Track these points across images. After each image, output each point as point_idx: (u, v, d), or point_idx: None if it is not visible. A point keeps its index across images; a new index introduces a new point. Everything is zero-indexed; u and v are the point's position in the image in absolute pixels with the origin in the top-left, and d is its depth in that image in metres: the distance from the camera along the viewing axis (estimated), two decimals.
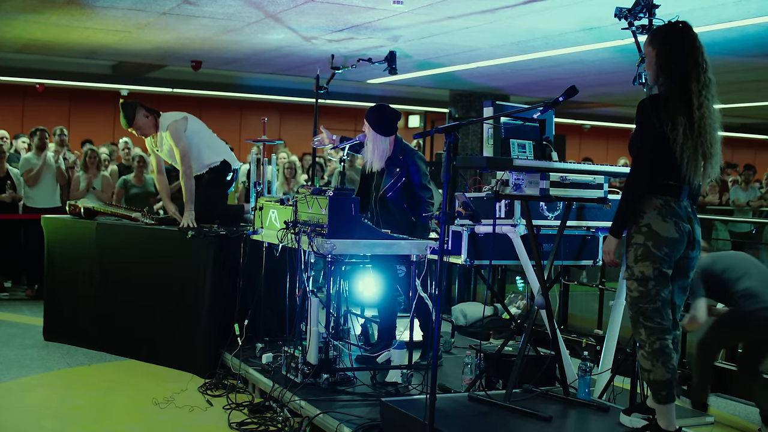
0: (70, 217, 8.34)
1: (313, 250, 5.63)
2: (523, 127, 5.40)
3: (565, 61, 11.65)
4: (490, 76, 13.76)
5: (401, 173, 6.46)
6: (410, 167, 6.45)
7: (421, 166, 6.48)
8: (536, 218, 5.41)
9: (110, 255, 7.81)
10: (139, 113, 7.71)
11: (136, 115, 7.69)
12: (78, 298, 8.04)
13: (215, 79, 16.50)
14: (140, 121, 7.71)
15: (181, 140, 7.54)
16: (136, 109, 7.72)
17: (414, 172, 6.44)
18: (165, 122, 7.65)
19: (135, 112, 7.70)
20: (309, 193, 5.93)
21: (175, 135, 7.56)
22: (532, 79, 13.82)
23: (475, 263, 5.53)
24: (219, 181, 7.73)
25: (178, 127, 7.59)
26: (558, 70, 12.58)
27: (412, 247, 5.87)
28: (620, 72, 12.20)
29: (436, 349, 4.23)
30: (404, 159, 6.48)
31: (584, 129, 23.03)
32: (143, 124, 7.72)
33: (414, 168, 6.45)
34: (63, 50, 12.89)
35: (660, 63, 4.40)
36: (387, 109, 6.61)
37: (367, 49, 11.08)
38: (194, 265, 7.09)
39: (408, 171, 6.45)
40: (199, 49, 12.13)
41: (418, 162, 6.48)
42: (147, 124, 7.73)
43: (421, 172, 6.46)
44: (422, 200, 6.44)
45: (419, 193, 6.44)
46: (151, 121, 7.74)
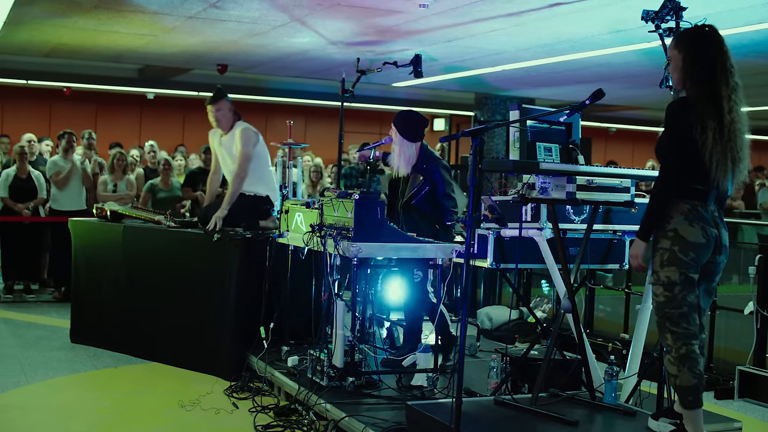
0: (97, 220, 8.40)
1: (338, 253, 5.64)
2: (549, 131, 5.39)
3: (592, 64, 11.61)
4: (516, 79, 13.74)
5: (425, 182, 6.46)
6: (434, 176, 6.45)
7: (445, 175, 6.48)
8: (563, 222, 5.40)
9: (136, 258, 7.86)
10: (228, 102, 7.75)
11: (224, 100, 7.73)
12: (104, 300, 8.10)
13: (241, 83, 16.54)
14: (224, 109, 7.73)
15: (249, 145, 7.57)
16: (226, 99, 7.77)
17: (438, 182, 6.44)
18: (242, 125, 7.71)
19: (225, 98, 7.74)
20: (335, 196, 5.94)
21: (246, 137, 7.60)
22: (558, 82, 13.78)
23: (501, 267, 5.52)
24: (255, 210, 7.71)
25: (251, 134, 7.64)
26: (584, 73, 12.54)
27: (438, 250, 5.86)
28: (647, 75, 12.14)
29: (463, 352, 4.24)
30: (428, 168, 6.48)
31: (610, 132, 22.91)
32: (224, 115, 7.73)
33: (438, 177, 6.45)
34: (90, 54, 12.98)
35: (686, 67, 4.38)
36: (415, 115, 6.61)
37: (392, 53, 11.09)
38: (220, 268, 7.12)
39: (432, 180, 6.46)
40: (225, 53, 12.18)
41: (442, 171, 6.48)
42: (227, 116, 7.75)
43: (444, 181, 6.46)
44: (446, 209, 6.44)
45: (443, 202, 6.44)
46: (232, 117, 7.78)
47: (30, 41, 11.82)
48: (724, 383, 7.22)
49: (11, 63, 15.31)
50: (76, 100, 18.00)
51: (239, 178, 7.56)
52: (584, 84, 13.73)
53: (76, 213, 10.40)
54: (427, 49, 10.86)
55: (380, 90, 17.28)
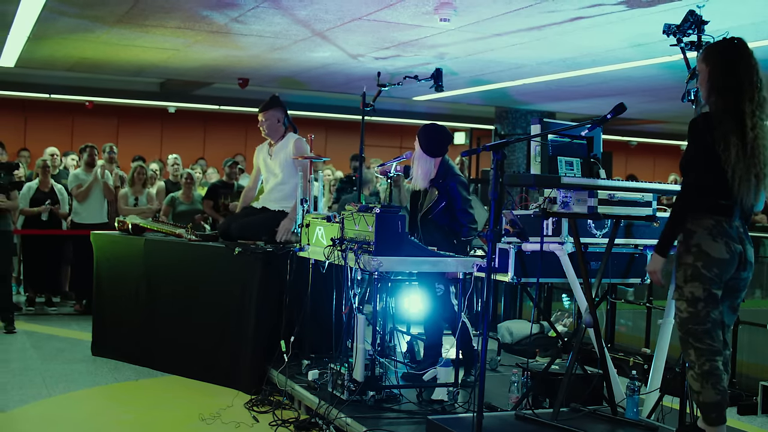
0: (118, 233, 8.45)
1: (359, 267, 5.65)
2: (570, 145, 5.39)
3: (613, 77, 11.58)
4: (537, 93, 13.72)
5: (441, 197, 6.46)
6: (451, 192, 6.45)
7: (462, 192, 6.48)
8: (584, 236, 5.40)
9: (157, 271, 7.89)
10: (279, 112, 7.81)
11: (273, 110, 7.79)
12: (125, 313, 8.13)
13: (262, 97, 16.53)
14: (272, 119, 7.78)
15: (306, 154, 7.55)
16: (280, 107, 7.84)
17: (455, 197, 6.45)
18: (294, 136, 7.78)
19: (275, 108, 7.81)
20: (356, 210, 5.95)
21: (302, 148, 7.64)
22: (579, 95, 13.75)
23: (521, 281, 5.52)
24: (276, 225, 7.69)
25: (306, 145, 7.66)
26: (605, 86, 12.51)
27: (459, 264, 5.86)
28: (668, 89, 12.10)
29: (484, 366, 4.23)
30: (444, 183, 6.48)
31: (631, 146, 22.85)
32: (271, 125, 7.78)
33: (455, 193, 6.45)
34: (112, 68, 13.06)
35: (713, 80, 4.36)
36: (439, 130, 6.61)
37: (413, 67, 11.10)
38: (241, 281, 7.14)
39: (449, 195, 6.46)
40: (246, 67, 12.23)
41: (459, 188, 6.47)
42: (274, 126, 7.80)
43: (461, 197, 6.46)
44: (462, 224, 6.44)
45: (460, 218, 6.44)
46: (280, 128, 7.82)
47: (53, 55, 11.91)
48: (747, 399, 7.17)
49: (34, 77, 15.45)
50: (98, 113, 18.14)
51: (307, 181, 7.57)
52: (605, 98, 13.70)
53: (97, 226, 10.46)
54: (448, 63, 10.87)
55: (401, 104, 17.30)
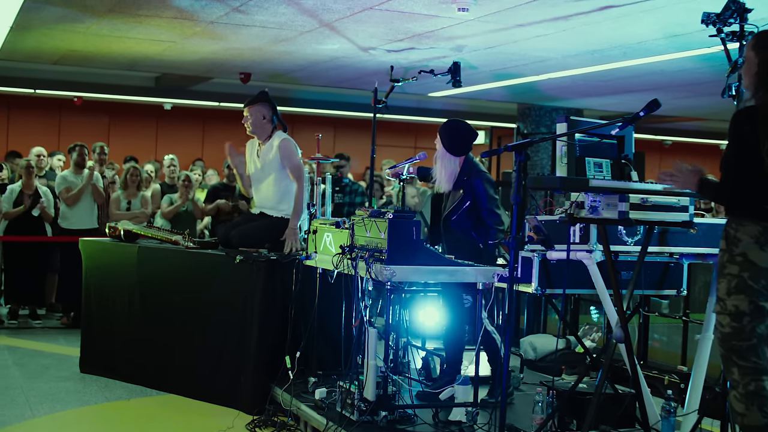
0: (109, 240, 8.45)
1: (371, 276, 5.65)
2: (599, 145, 5.39)
3: (646, 71, 11.57)
4: (563, 89, 13.72)
5: (466, 197, 6.47)
6: (476, 190, 6.45)
7: (489, 189, 6.48)
8: (614, 243, 5.39)
9: (152, 281, 7.91)
10: (265, 108, 7.75)
11: (260, 105, 7.74)
12: (116, 327, 8.14)
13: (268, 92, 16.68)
14: (259, 114, 7.72)
15: (294, 156, 7.60)
16: (267, 103, 7.78)
17: (480, 196, 6.45)
18: (281, 136, 7.73)
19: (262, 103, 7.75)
20: (367, 216, 5.96)
21: (289, 150, 7.62)
22: (608, 91, 13.74)
23: (546, 292, 5.51)
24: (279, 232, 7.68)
25: (293, 146, 7.66)
26: (637, 81, 12.50)
27: (479, 274, 5.86)
28: (707, 83, 12.09)
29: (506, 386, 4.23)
30: (469, 181, 6.48)
31: (665, 145, 22.79)
32: (257, 121, 7.72)
33: (480, 191, 6.45)
34: (103, 62, 13.10)
35: (761, 72, 4.32)
36: (463, 127, 6.62)
37: (428, 60, 11.12)
38: (242, 292, 7.15)
39: (474, 194, 6.46)
40: (248, 61, 12.26)
41: (485, 185, 6.48)
42: (261, 124, 7.74)
43: (488, 196, 6.46)
44: (489, 226, 6.44)
45: (486, 220, 6.44)
46: (267, 126, 7.77)
47: (39, 48, 11.95)
48: None
49: (18, 71, 15.47)
50: (87, 110, 18.17)
51: (300, 194, 7.56)
52: (637, 93, 13.69)
53: (87, 232, 10.48)
54: (467, 56, 10.89)
55: (415, 100, 17.31)
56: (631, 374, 5.26)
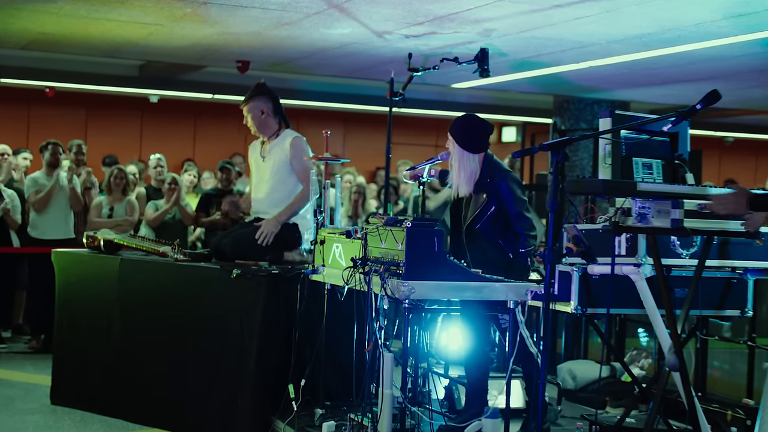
0: (87, 252, 8.47)
1: (386, 294, 5.67)
2: (649, 143, 5.40)
3: (704, 57, 11.55)
4: (606, 78, 13.71)
5: (490, 200, 6.48)
6: (501, 193, 6.47)
7: (516, 190, 6.50)
8: (666, 256, 5.40)
9: (135, 298, 7.92)
10: (264, 101, 7.85)
11: (261, 99, 7.84)
12: (94, 351, 8.15)
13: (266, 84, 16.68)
14: (257, 109, 7.81)
15: (306, 158, 7.67)
16: (266, 96, 7.87)
17: (507, 199, 6.46)
18: (292, 134, 7.85)
19: (263, 96, 7.86)
20: (382, 224, 5.97)
21: (301, 150, 7.72)
22: (659, 81, 13.73)
23: (587, 312, 5.52)
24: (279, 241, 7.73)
25: (305, 146, 7.76)
26: (694, 69, 12.48)
27: (509, 291, 5.85)
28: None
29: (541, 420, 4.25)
30: (493, 182, 6.50)
31: (726, 142, 22.74)
32: (257, 117, 7.81)
33: (506, 193, 6.47)
34: (79, 47, 13.14)
35: None
36: (476, 121, 6.66)
37: (452, 46, 11.13)
38: (239, 311, 7.17)
39: (499, 197, 6.48)
40: (246, 47, 12.29)
41: (512, 186, 6.49)
42: (263, 120, 7.84)
43: (515, 197, 6.47)
44: (519, 233, 6.45)
45: (515, 225, 6.45)
46: (270, 122, 7.88)
47: (4, 30, 11.98)
48: None
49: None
50: (61, 103, 18.20)
51: (305, 198, 7.68)
52: (693, 83, 13.66)
53: (61, 242, 10.49)
54: (496, 41, 10.89)
55: (437, 92, 17.31)
56: (688, 408, 5.26)
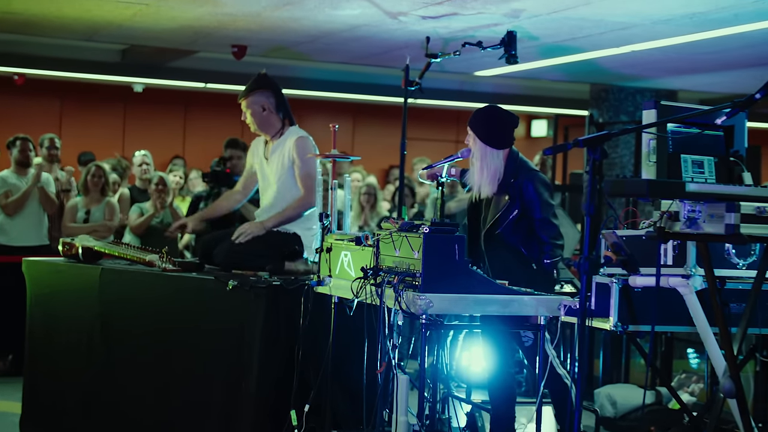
0: (63, 261, 8.46)
1: (401, 308, 5.67)
2: (700, 137, 5.40)
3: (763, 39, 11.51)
4: (651, 65, 13.70)
5: (513, 203, 6.49)
6: (526, 195, 6.48)
7: (543, 193, 6.51)
8: (720, 266, 5.39)
9: (118, 313, 7.90)
10: (265, 96, 7.84)
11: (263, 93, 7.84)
12: (70, 372, 8.13)
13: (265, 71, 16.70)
14: (257, 105, 7.80)
15: (313, 163, 7.69)
16: (268, 89, 7.87)
17: (532, 201, 6.48)
18: (297, 132, 7.83)
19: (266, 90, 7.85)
20: (395, 229, 5.98)
21: (306, 150, 7.69)
22: (712, 67, 13.71)
23: (629, 329, 5.52)
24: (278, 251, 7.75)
25: (310, 146, 7.74)
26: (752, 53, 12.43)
27: (540, 305, 5.84)
28: None
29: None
30: (517, 183, 6.51)
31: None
32: (257, 114, 7.81)
33: (532, 195, 6.48)
34: (53, 29, 13.17)
35: None
36: (499, 113, 6.67)
37: (475, 29, 11.13)
38: (236, 327, 7.16)
39: (523, 200, 6.48)
40: (242, 29, 12.31)
41: (539, 188, 6.50)
42: (264, 117, 7.83)
43: (542, 201, 6.49)
44: (543, 241, 6.46)
45: (540, 232, 6.47)
46: (272, 119, 7.88)
47: None
48: None
49: None
50: (32, 92, 18.22)
51: (305, 207, 7.69)
52: (750, 69, 13.63)
53: (33, 250, 10.51)
54: (525, 23, 10.90)
55: (458, 81, 17.32)
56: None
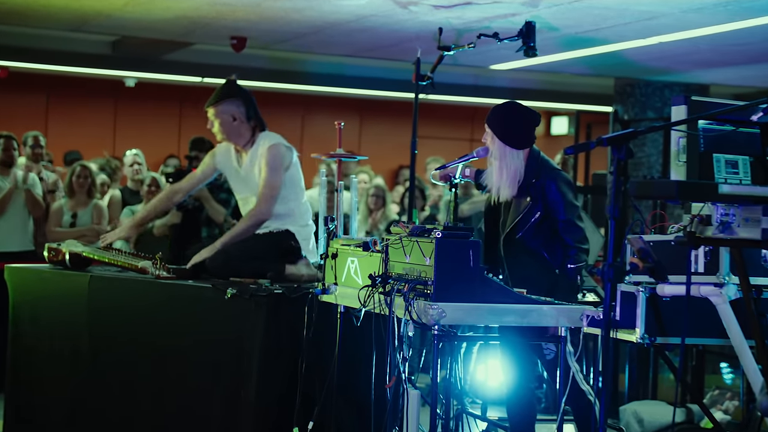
0: (48, 267, 8.47)
1: (412, 318, 5.66)
2: (734, 135, 5.39)
3: None
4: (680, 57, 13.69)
5: (535, 204, 6.49)
6: (549, 196, 6.49)
7: (567, 194, 6.52)
8: (756, 275, 5.39)
9: (108, 323, 7.90)
10: (234, 105, 7.85)
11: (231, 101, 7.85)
12: (56, 388, 8.14)
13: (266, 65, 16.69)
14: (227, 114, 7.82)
15: (278, 173, 7.70)
16: (237, 97, 7.88)
17: (556, 203, 6.48)
18: (269, 139, 7.83)
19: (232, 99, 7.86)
20: (406, 234, 5.98)
21: (275, 162, 7.71)
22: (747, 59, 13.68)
23: (657, 341, 5.51)
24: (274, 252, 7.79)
25: (282, 152, 7.76)
26: None
27: (561, 315, 5.83)
28: None
29: None
30: (539, 183, 6.52)
31: None
32: (226, 123, 7.83)
33: (556, 197, 6.49)
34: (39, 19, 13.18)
35: None
36: (519, 109, 6.68)
37: (491, 19, 11.13)
38: (235, 338, 7.17)
39: (546, 201, 6.48)
40: (242, 20, 12.32)
41: (562, 188, 6.51)
42: (233, 127, 7.86)
43: (566, 202, 6.49)
44: (568, 244, 6.46)
45: (564, 235, 6.47)
46: (242, 128, 7.90)
47: None
48: None
49: None
50: (16, 86, 18.25)
51: (257, 217, 7.72)
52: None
53: (16, 256, 10.50)
54: (544, 13, 10.89)
55: (473, 75, 17.33)
56: None
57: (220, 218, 10.23)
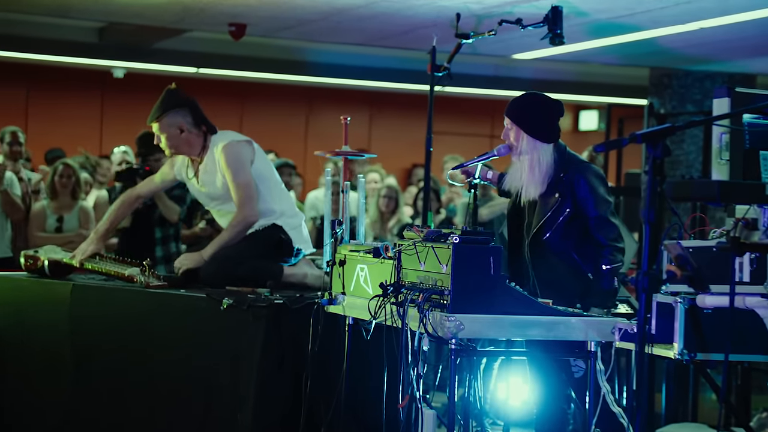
0: (25, 276, 8.49)
1: (427, 331, 5.65)
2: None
3: None
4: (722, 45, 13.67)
5: (564, 201, 6.47)
6: (579, 191, 6.47)
7: (599, 188, 6.50)
8: None
9: (92, 336, 7.90)
10: (179, 115, 7.88)
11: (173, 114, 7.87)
12: (36, 405, 8.16)
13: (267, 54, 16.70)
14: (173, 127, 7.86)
15: (244, 170, 7.74)
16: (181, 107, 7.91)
17: (586, 199, 6.47)
18: (221, 140, 7.87)
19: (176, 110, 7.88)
20: (420, 239, 5.96)
21: (236, 161, 7.75)
22: None
23: (697, 357, 5.50)
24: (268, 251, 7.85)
25: (242, 152, 7.79)
26: None
27: (590, 328, 5.81)
28: None
29: None
30: (567, 178, 6.51)
31: None
32: (173, 136, 7.87)
33: (586, 192, 6.47)
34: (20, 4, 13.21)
35: None
36: (543, 100, 6.68)
37: (513, 4, 11.14)
38: (231, 351, 7.16)
39: (575, 197, 6.47)
40: (241, 5, 12.34)
41: (593, 182, 6.50)
42: (183, 139, 7.91)
43: (598, 197, 6.48)
44: (601, 243, 6.44)
45: (596, 233, 6.45)
46: (193, 139, 7.93)
47: None
48: None
49: None
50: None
51: (244, 223, 7.76)
52: None
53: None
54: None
55: (493, 65, 17.35)
56: None
57: (175, 217, 10.24)
